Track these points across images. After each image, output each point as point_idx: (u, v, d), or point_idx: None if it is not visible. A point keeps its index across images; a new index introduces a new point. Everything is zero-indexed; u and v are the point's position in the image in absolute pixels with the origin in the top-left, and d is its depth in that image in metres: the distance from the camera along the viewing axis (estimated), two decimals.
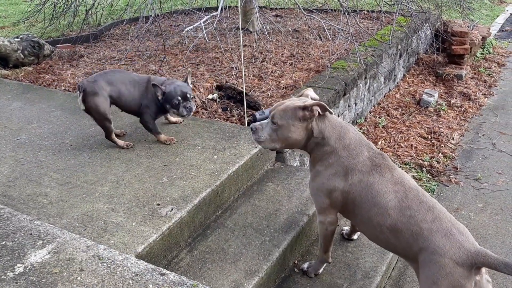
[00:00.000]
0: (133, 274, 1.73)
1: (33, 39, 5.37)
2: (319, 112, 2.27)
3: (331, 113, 2.30)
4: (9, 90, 4.49)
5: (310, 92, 2.51)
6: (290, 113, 2.30)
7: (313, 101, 2.30)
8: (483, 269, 2.02)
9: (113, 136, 3.27)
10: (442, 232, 2.05)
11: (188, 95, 3.11)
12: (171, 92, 3.08)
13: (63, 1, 5.90)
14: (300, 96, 2.48)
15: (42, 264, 1.79)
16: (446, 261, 1.97)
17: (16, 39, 5.28)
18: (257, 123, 2.44)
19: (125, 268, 1.77)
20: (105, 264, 1.78)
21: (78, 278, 1.72)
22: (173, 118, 3.64)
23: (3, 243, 1.92)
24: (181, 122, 3.62)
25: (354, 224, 2.47)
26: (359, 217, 2.30)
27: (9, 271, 1.75)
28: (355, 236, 2.93)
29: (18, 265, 1.78)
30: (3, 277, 1.72)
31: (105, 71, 3.33)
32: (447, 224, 2.08)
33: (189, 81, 3.22)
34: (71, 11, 5.94)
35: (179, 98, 3.07)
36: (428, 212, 2.12)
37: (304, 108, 2.27)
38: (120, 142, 3.28)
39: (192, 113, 3.18)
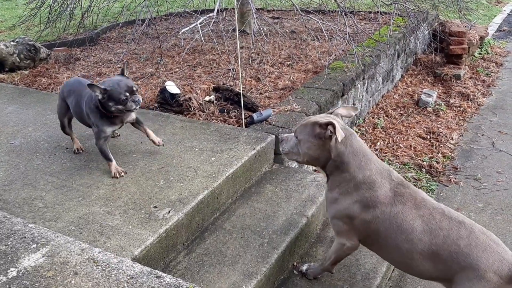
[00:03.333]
0: (128, 277, 1.70)
1: (29, 42, 5.34)
2: (332, 132, 2.19)
3: (339, 137, 2.14)
4: (5, 94, 4.46)
5: (343, 109, 2.41)
6: (309, 128, 2.28)
7: (330, 120, 2.20)
8: None
9: (74, 138, 3.29)
10: (481, 247, 2.01)
11: (134, 88, 2.82)
12: (114, 88, 2.75)
13: (59, 5, 5.88)
14: (331, 113, 2.41)
15: (35, 267, 1.75)
16: (491, 276, 1.95)
17: (12, 43, 5.25)
18: (284, 135, 2.49)
19: (120, 271, 1.73)
20: (99, 267, 1.75)
21: (73, 281, 1.68)
22: (154, 138, 3.14)
23: None
24: (163, 145, 3.15)
25: (379, 255, 2.37)
26: (384, 247, 2.24)
27: (1, 275, 1.71)
28: None
29: (11, 269, 1.75)
30: None
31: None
32: (482, 237, 2.04)
33: (126, 73, 2.92)
34: (66, 14, 5.93)
35: (126, 93, 2.76)
36: (461, 228, 2.07)
37: (320, 125, 2.22)
38: (77, 144, 3.26)
39: (139, 106, 2.87)
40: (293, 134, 2.41)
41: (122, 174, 2.90)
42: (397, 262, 2.27)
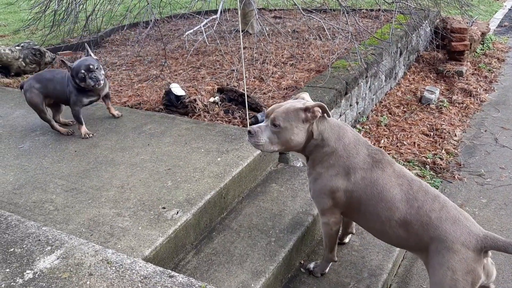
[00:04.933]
0: (141, 277, 1.74)
1: (34, 47, 5.40)
2: (320, 113, 2.29)
3: (329, 115, 2.32)
4: (11, 98, 4.51)
5: (306, 95, 2.51)
6: (293, 114, 2.28)
7: (314, 103, 2.31)
8: (489, 253, 2.09)
9: (54, 125, 3.69)
10: (451, 220, 2.11)
11: (91, 66, 3.32)
12: (75, 67, 3.33)
13: (63, 9, 5.93)
14: (296, 98, 2.49)
15: (51, 269, 1.80)
16: (458, 247, 2.04)
17: (17, 48, 5.31)
18: (255, 126, 2.35)
19: (133, 271, 1.78)
20: (113, 268, 1.80)
21: (88, 282, 1.73)
22: (113, 111, 3.87)
23: (12, 249, 1.93)
24: (120, 116, 3.88)
25: (360, 224, 2.48)
26: (366, 214, 2.31)
27: (18, 278, 1.76)
28: (346, 240, 2.93)
29: (28, 271, 1.80)
30: (12, 283, 1.73)
31: (39, 72, 3.93)
32: (454, 211, 2.14)
33: (91, 54, 3.47)
34: (71, 18, 5.97)
35: (83, 71, 3.31)
36: (435, 202, 2.17)
37: (306, 109, 2.28)
38: (62, 129, 3.68)
39: (99, 83, 3.38)
40: (263, 124, 2.34)
41: (91, 135, 3.55)
42: (376, 230, 2.34)
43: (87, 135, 3.54)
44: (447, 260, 2.05)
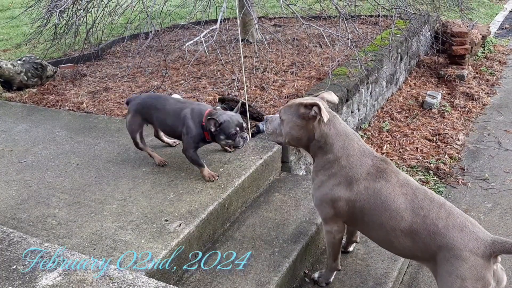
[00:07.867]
0: None
1: (36, 60, 5.42)
2: (316, 113, 2.28)
3: (324, 118, 2.24)
4: (14, 113, 4.53)
5: (327, 94, 2.51)
6: (293, 109, 2.37)
7: (315, 101, 2.30)
8: (499, 258, 2.07)
9: (143, 147, 3.28)
10: (458, 227, 2.09)
11: (244, 125, 2.96)
12: (227, 122, 2.87)
13: (64, 22, 5.96)
14: (315, 96, 2.50)
15: (53, 287, 1.79)
16: (467, 254, 2.02)
17: (19, 62, 5.33)
18: (269, 116, 2.56)
19: (136, 287, 1.77)
20: (115, 284, 1.79)
21: None
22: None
23: (14, 267, 1.93)
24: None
25: (364, 233, 2.46)
26: (370, 224, 2.29)
27: None
28: (350, 248, 2.91)
29: None
30: None
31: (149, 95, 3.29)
32: (460, 218, 2.12)
33: (237, 111, 3.05)
34: (72, 31, 6.00)
35: (237, 128, 2.89)
36: (441, 209, 2.15)
37: (305, 106, 2.31)
38: (157, 158, 3.29)
39: (246, 143, 2.99)
40: (277, 115, 2.49)
41: (216, 177, 3.01)
42: (381, 240, 2.32)
43: (212, 178, 3.01)
44: (456, 268, 2.03)
